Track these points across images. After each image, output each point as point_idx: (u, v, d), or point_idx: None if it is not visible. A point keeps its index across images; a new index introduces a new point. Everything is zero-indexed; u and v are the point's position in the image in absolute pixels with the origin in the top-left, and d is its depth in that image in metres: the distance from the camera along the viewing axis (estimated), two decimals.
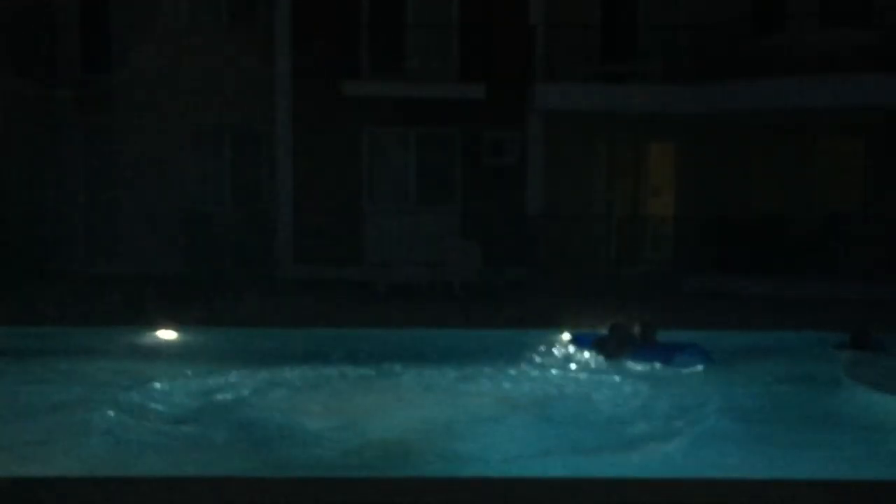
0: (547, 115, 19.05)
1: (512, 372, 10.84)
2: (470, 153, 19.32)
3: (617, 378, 10.58)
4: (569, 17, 18.96)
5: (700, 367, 10.96)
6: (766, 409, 9.41)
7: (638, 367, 10.94)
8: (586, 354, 11.53)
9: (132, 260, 17.99)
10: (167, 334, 12.69)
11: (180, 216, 18.63)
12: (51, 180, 18.88)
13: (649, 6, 19.52)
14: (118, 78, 18.83)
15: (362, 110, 18.67)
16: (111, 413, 8.86)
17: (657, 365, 10.92)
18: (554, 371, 11.01)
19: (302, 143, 19.06)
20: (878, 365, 10.98)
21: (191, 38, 18.68)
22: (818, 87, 17.19)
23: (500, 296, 16.80)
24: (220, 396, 9.74)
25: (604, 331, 11.62)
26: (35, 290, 15.69)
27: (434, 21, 19.18)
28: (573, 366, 11.27)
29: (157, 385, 10.11)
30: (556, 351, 11.90)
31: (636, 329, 11.71)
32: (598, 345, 11.50)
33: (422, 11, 19.20)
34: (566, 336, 12.08)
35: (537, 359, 11.56)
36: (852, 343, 11.66)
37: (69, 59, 19.22)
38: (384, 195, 19.31)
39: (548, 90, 18.59)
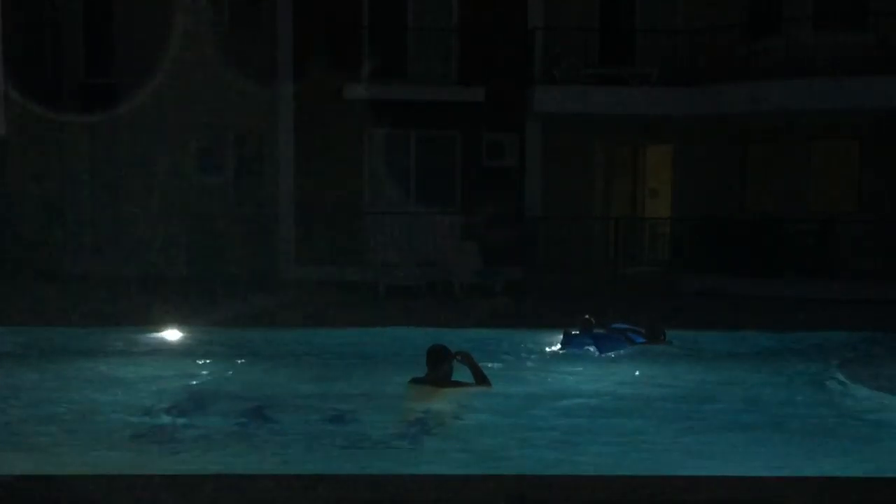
0: (545, 117, 19.16)
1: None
2: (469, 155, 19.42)
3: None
4: (567, 21, 19.07)
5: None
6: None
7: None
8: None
9: (136, 262, 18.06)
10: (171, 334, 12.80)
11: (184, 218, 18.70)
12: (56, 184, 18.96)
13: (647, 10, 19.63)
14: (122, 83, 18.90)
15: (363, 113, 18.75)
16: (114, 411, 8.98)
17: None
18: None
19: (303, 146, 19.16)
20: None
21: (194, 43, 18.76)
22: (813, 89, 17.31)
23: (499, 296, 16.88)
24: (220, 394, 9.83)
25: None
26: (42, 291, 15.76)
27: (434, 24, 19.28)
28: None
29: (161, 384, 10.22)
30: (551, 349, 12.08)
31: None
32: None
33: (422, 15, 19.30)
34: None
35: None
36: None
37: (74, 64, 19.31)
38: (385, 197, 19.39)
39: (546, 93, 18.70)
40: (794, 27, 18.00)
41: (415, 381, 9.39)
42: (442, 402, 9.18)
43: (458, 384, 9.34)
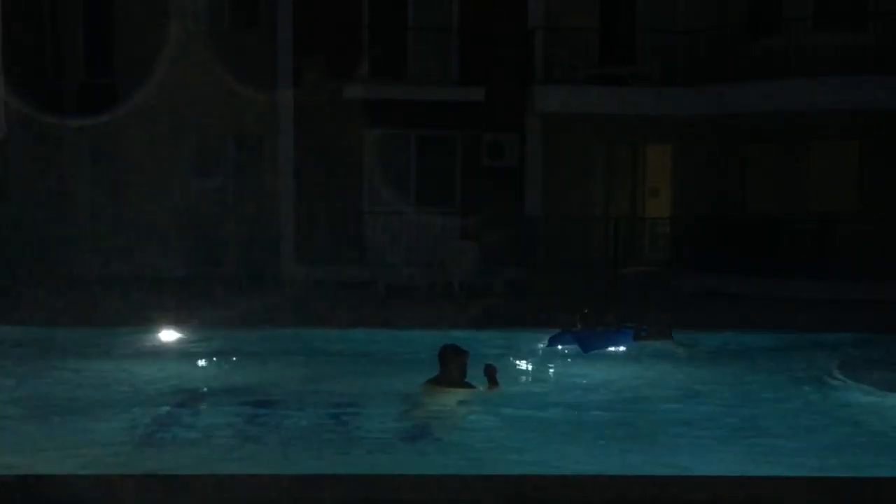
0: (546, 117, 19.15)
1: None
2: (470, 155, 19.42)
3: None
4: (567, 21, 19.06)
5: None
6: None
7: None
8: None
9: (137, 262, 18.06)
10: (170, 335, 12.80)
11: (185, 218, 18.70)
12: (58, 185, 18.95)
13: (647, 10, 19.62)
14: (122, 83, 18.91)
15: (363, 113, 18.75)
16: (114, 411, 8.99)
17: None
18: None
19: (303, 146, 19.16)
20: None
21: (194, 42, 18.76)
22: (813, 89, 17.29)
23: (500, 296, 16.87)
24: (219, 394, 9.84)
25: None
26: (42, 291, 15.76)
27: (434, 24, 19.28)
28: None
29: (161, 384, 10.23)
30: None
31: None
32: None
33: (422, 15, 19.30)
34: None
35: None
36: None
37: (74, 64, 19.31)
38: (385, 197, 19.38)
39: (547, 93, 18.70)
40: (794, 27, 17.99)
41: (428, 382, 9.42)
42: (443, 402, 9.20)
43: (468, 385, 9.36)
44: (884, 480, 6.77)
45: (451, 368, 9.32)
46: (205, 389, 10.07)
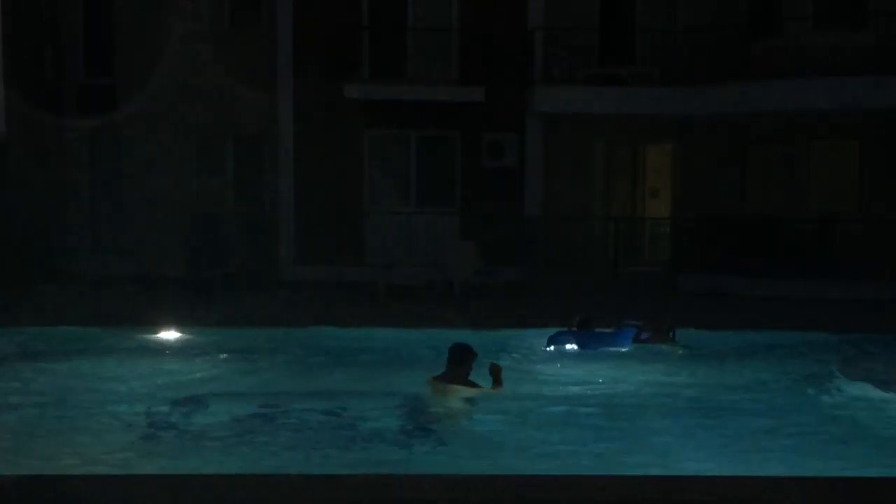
0: (545, 117, 19.16)
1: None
2: (470, 155, 19.43)
3: None
4: (567, 21, 19.07)
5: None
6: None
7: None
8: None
9: (137, 262, 18.07)
10: (170, 335, 12.80)
11: (184, 218, 18.70)
12: (57, 185, 18.96)
13: (647, 10, 19.63)
14: (122, 83, 18.91)
15: (363, 113, 18.75)
16: (114, 411, 8.99)
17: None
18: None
19: (303, 146, 19.17)
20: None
21: (194, 42, 18.76)
22: (813, 89, 17.30)
23: (500, 296, 16.88)
24: (219, 394, 9.84)
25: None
26: (42, 291, 15.77)
27: (434, 24, 19.29)
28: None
29: (160, 384, 10.23)
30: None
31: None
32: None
33: (422, 15, 19.31)
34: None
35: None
36: None
37: (74, 65, 19.31)
38: (385, 197, 19.39)
39: (546, 93, 18.70)
40: (794, 27, 18.00)
41: (434, 378, 9.42)
42: (445, 401, 9.21)
43: (472, 384, 9.36)
44: (884, 480, 6.77)
45: (461, 368, 9.29)
46: (205, 389, 10.06)
